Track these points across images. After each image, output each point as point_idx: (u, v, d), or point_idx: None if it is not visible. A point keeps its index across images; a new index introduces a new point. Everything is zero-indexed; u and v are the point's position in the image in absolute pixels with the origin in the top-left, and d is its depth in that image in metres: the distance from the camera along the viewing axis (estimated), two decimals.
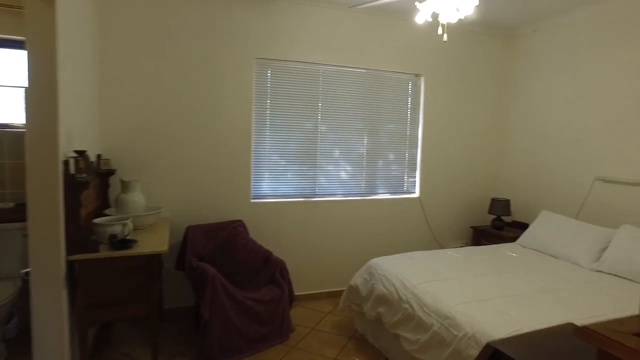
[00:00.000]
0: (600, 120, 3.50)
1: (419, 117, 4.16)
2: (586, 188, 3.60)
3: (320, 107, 3.75)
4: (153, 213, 2.80)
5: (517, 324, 2.00)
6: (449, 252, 3.26)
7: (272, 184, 3.68)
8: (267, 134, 3.61)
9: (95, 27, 2.95)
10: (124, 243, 2.20)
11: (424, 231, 4.28)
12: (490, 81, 4.42)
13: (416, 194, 4.24)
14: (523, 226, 4.13)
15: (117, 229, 2.26)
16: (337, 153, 3.88)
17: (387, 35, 3.87)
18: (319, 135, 3.78)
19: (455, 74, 4.22)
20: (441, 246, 4.34)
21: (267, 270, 2.98)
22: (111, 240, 2.18)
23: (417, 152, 4.21)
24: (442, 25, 2.30)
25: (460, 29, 4.10)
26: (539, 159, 4.08)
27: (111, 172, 2.98)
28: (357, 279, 3.03)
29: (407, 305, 2.45)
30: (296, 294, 3.49)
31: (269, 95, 3.58)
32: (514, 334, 1.88)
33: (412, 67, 4.03)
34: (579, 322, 2.11)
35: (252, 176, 3.58)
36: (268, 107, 3.58)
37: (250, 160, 3.53)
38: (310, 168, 3.79)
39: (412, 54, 4.01)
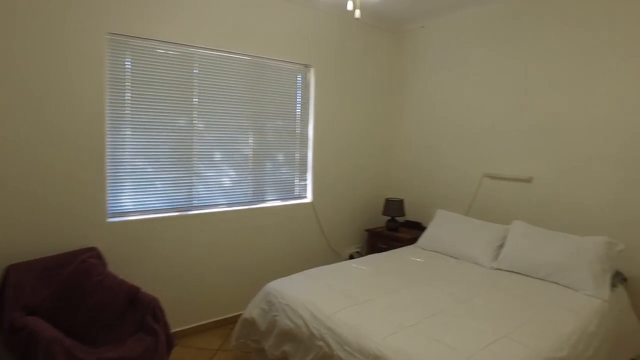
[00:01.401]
0: (486, 117, 3.54)
1: (309, 113, 3.77)
2: (475, 185, 3.62)
3: (196, 100, 3.09)
4: None
5: (457, 354, 1.71)
6: (354, 265, 2.93)
7: (137, 197, 2.91)
8: (128, 133, 2.82)
9: None
10: None
11: (319, 239, 3.91)
12: (380, 76, 4.25)
13: (308, 199, 3.85)
14: (416, 225, 4.06)
15: None
16: (217, 155, 3.27)
17: (274, 17, 3.37)
18: (195, 134, 3.12)
19: (346, 67, 3.94)
20: (337, 253, 4.04)
21: (135, 313, 2.25)
22: None
23: (308, 151, 3.82)
24: (354, 1, 1.90)
25: (350, 19, 3.82)
26: (430, 156, 4.03)
27: None
28: (252, 310, 2.49)
29: (321, 343, 2.00)
30: (176, 330, 2.84)
31: (129, 85, 2.80)
32: None
33: (302, 56, 3.61)
34: (512, 339, 1.96)
35: (108, 188, 2.76)
36: (128, 100, 2.80)
37: (104, 167, 2.70)
38: (185, 174, 3.11)
39: (301, 42, 3.59)
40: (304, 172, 3.82)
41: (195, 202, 3.19)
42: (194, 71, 3.06)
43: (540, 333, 2.00)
